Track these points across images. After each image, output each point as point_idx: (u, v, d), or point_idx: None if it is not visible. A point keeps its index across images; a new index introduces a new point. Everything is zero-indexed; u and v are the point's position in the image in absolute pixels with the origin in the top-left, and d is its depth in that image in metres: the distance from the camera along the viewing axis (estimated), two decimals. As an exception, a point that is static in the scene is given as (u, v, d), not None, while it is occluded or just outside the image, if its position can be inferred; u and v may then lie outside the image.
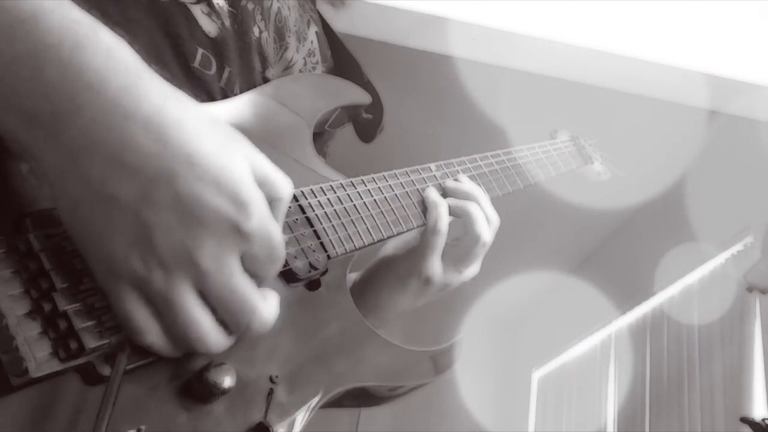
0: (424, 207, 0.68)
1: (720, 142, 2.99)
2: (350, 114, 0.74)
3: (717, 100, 2.38)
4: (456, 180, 0.73)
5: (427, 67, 2.85)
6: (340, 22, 2.48)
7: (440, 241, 0.68)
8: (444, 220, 0.68)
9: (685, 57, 2.22)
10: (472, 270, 0.71)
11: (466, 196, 0.71)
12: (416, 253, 0.69)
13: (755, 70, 2.24)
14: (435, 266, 0.68)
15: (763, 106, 2.34)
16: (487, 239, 0.70)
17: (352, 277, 0.75)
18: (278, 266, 0.44)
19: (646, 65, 2.23)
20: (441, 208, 0.68)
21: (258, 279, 0.44)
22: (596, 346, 4.02)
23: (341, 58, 0.79)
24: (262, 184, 0.43)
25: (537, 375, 4.99)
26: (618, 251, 4.06)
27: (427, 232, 0.68)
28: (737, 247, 2.76)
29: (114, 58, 0.40)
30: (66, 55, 0.39)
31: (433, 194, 0.69)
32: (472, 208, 0.70)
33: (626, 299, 3.62)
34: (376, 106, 0.76)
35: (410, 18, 2.17)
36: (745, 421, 2.08)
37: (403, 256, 0.71)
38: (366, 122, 0.77)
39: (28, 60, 0.38)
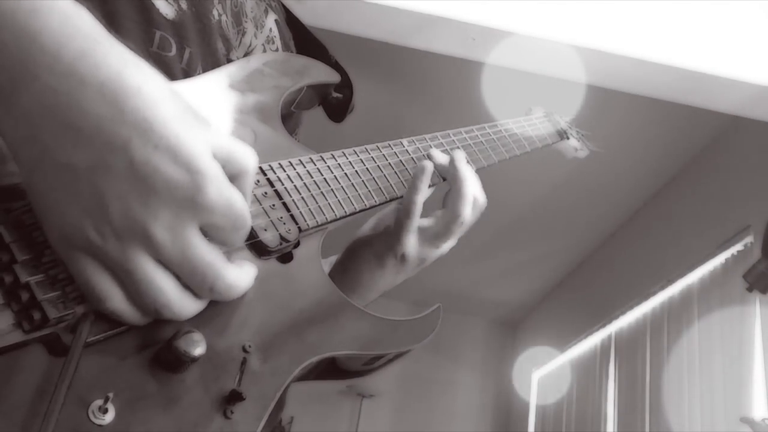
0: (397, 179, 0.68)
1: (720, 142, 2.99)
2: (319, 94, 0.73)
3: (717, 100, 2.38)
4: (450, 155, 0.73)
5: (427, 67, 2.85)
6: (339, 22, 2.46)
7: (414, 221, 0.68)
8: (418, 200, 0.68)
9: (685, 57, 2.22)
10: (449, 244, 0.71)
11: (460, 175, 0.71)
12: (392, 231, 0.69)
13: (755, 70, 2.24)
14: (410, 244, 0.69)
15: (763, 106, 2.34)
16: (467, 220, 0.70)
17: (332, 260, 0.75)
18: (244, 232, 0.44)
19: (646, 65, 2.23)
20: (418, 187, 0.68)
21: (224, 245, 0.43)
22: (596, 346, 4.02)
23: (306, 43, 0.79)
24: (226, 160, 0.42)
25: (537, 375, 4.99)
26: (618, 251, 4.06)
27: (401, 212, 0.68)
28: (737, 247, 2.75)
29: (71, 24, 0.39)
30: (21, 19, 0.38)
31: (424, 169, 0.68)
32: (462, 187, 0.70)
33: (626, 299, 3.63)
34: (346, 86, 0.75)
35: (410, 18, 2.17)
36: (745, 421, 2.08)
37: (379, 234, 0.71)
38: (336, 102, 0.76)
39: None
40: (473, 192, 0.71)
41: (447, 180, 0.72)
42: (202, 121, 0.43)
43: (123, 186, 0.39)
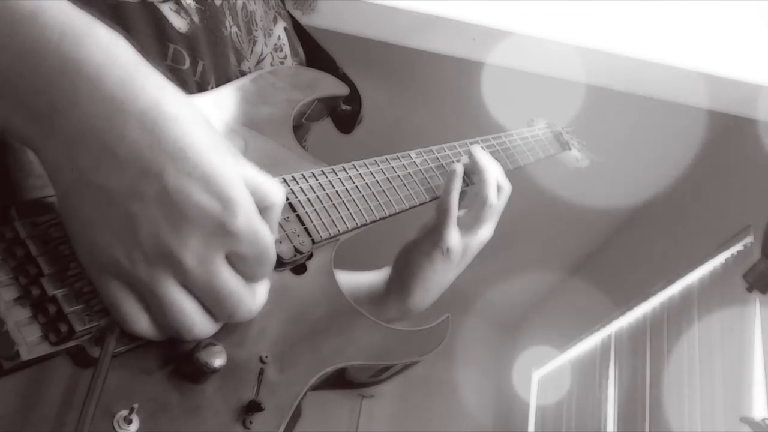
0: (407, 191, 0.70)
1: (720, 142, 2.99)
2: (328, 106, 0.75)
3: (717, 100, 2.38)
4: (469, 151, 0.80)
5: (427, 67, 2.85)
6: (339, 22, 2.46)
7: (451, 216, 0.74)
8: (452, 198, 0.74)
9: (685, 57, 2.22)
10: (486, 232, 0.77)
11: (480, 165, 0.78)
12: (434, 229, 0.75)
13: (755, 70, 2.24)
14: (452, 237, 0.74)
15: (763, 106, 2.34)
16: (493, 202, 0.76)
17: (351, 277, 0.77)
18: (269, 267, 0.45)
19: (646, 65, 2.23)
20: (451, 186, 0.74)
21: (247, 278, 0.44)
22: (596, 346, 4.02)
23: (314, 53, 0.80)
24: (254, 192, 0.43)
25: (537, 375, 4.99)
26: (618, 251, 4.06)
27: (439, 209, 0.74)
28: (737, 247, 2.75)
29: (112, 53, 0.41)
30: (66, 49, 0.39)
31: (456, 170, 0.75)
32: (483, 174, 0.77)
33: (626, 299, 3.63)
34: (354, 97, 0.76)
35: (410, 18, 2.17)
36: (745, 421, 2.08)
37: (425, 235, 0.76)
38: (345, 113, 0.77)
39: (28, 55, 0.39)
40: (494, 177, 0.77)
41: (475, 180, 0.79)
42: (234, 152, 0.44)
43: (155, 212, 0.39)
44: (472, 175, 0.78)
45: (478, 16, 2.16)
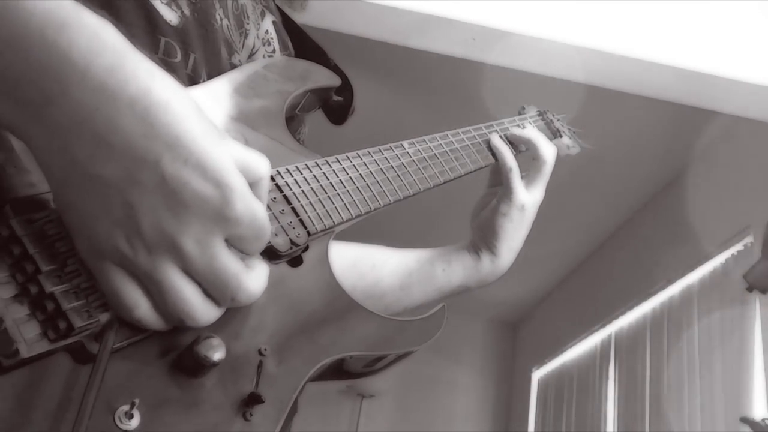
0: (400, 182, 0.70)
1: (720, 142, 2.99)
2: (320, 97, 0.75)
3: (717, 100, 2.38)
4: (520, 127, 0.89)
5: (427, 67, 2.85)
6: (339, 22, 2.46)
7: (516, 175, 0.82)
8: (511, 158, 0.83)
9: (685, 57, 2.22)
10: (542, 190, 0.86)
11: (526, 136, 0.86)
12: (506, 193, 0.82)
13: (755, 70, 2.24)
14: (523, 192, 0.83)
15: (763, 106, 2.34)
16: (551, 161, 0.85)
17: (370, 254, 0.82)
18: (265, 241, 0.45)
19: (646, 65, 2.23)
20: (506, 151, 0.83)
21: (246, 253, 0.45)
22: (596, 346, 4.03)
23: (304, 46, 0.80)
24: (243, 169, 0.43)
25: (537, 375, 4.99)
26: (618, 251, 4.07)
27: (503, 172, 0.82)
28: (737, 247, 2.76)
29: (99, 39, 0.40)
30: (51, 36, 0.39)
31: (496, 140, 0.83)
32: (535, 140, 0.85)
33: (626, 299, 3.63)
34: (346, 88, 0.76)
35: (410, 18, 2.17)
36: (745, 421, 2.08)
37: (498, 203, 0.83)
38: (337, 105, 0.77)
39: (13, 44, 0.38)
40: (543, 140, 0.87)
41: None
42: (222, 133, 0.44)
43: (154, 200, 0.40)
44: (519, 145, 0.86)
45: (478, 16, 2.16)
